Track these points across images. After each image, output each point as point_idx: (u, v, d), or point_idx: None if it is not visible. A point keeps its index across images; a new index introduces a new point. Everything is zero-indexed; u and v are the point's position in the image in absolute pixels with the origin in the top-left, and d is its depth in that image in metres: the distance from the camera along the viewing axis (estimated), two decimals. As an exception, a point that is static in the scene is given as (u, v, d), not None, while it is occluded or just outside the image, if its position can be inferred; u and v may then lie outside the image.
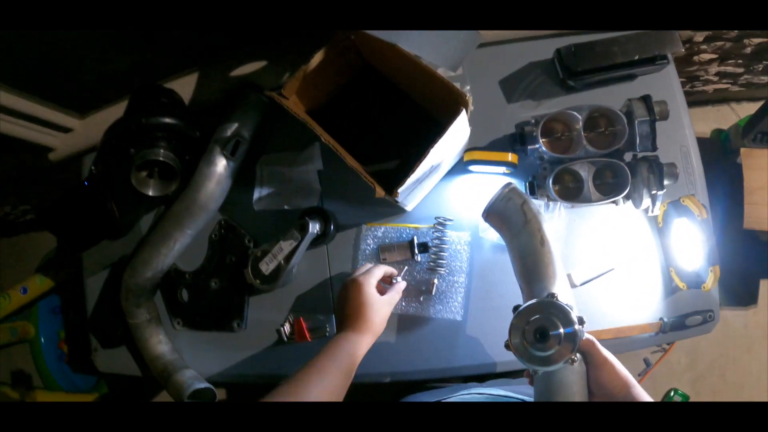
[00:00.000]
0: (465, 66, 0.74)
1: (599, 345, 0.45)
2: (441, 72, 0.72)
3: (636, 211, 0.69)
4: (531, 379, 0.48)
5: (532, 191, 0.67)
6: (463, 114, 0.54)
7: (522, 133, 0.67)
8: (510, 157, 0.66)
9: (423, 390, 0.71)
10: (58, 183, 1.05)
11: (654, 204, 0.66)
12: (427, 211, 0.72)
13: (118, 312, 0.76)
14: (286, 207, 0.74)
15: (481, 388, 0.60)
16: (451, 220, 0.69)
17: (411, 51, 0.55)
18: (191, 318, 0.78)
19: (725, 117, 1.34)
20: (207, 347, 0.77)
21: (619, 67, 0.70)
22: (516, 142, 0.69)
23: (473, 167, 0.69)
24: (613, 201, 0.66)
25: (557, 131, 0.68)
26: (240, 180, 0.74)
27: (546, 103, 0.73)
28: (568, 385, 0.43)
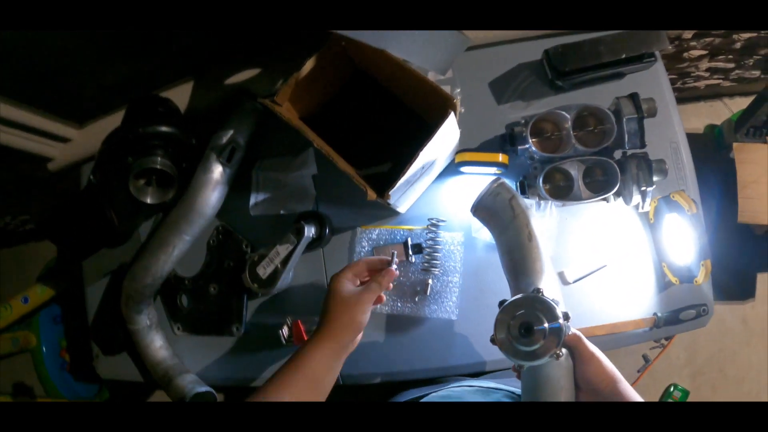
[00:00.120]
0: (455, 69, 0.75)
1: (586, 340, 0.46)
2: (430, 76, 0.74)
3: (627, 208, 0.70)
4: (518, 373, 0.49)
5: (523, 191, 0.68)
6: (452, 116, 0.55)
7: (512, 134, 0.68)
8: (500, 158, 0.67)
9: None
10: (57, 192, 1.06)
11: (644, 200, 0.67)
12: (421, 213, 0.73)
13: (118, 318, 0.77)
14: (281, 212, 0.75)
15: (473, 380, 0.61)
16: (444, 221, 0.70)
17: (399, 56, 0.56)
18: (191, 323, 0.79)
19: (718, 112, 1.34)
20: (207, 351, 0.78)
21: (607, 66, 0.71)
22: (506, 142, 0.70)
23: (464, 168, 0.70)
24: (604, 198, 0.67)
25: (547, 131, 0.69)
26: (236, 186, 0.75)
27: (536, 104, 0.74)
28: (554, 380, 0.43)
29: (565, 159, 0.67)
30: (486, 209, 0.55)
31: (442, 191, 0.73)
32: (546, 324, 0.42)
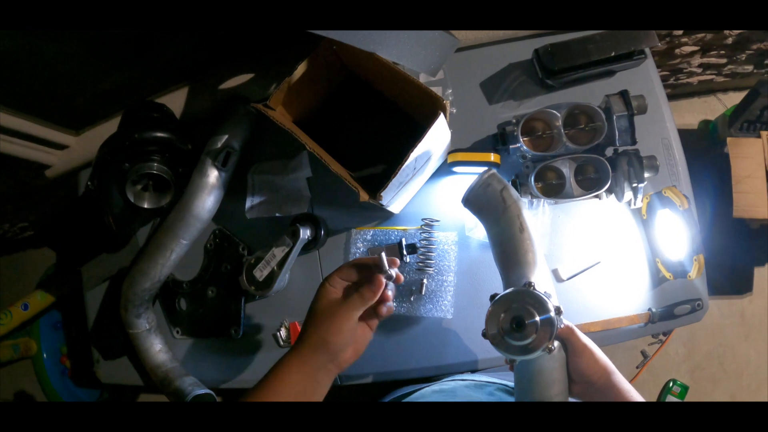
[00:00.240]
0: (446, 70, 0.76)
1: (578, 332, 0.46)
2: (422, 77, 0.75)
3: (620, 205, 0.71)
4: (511, 365, 0.49)
5: (515, 189, 0.69)
6: (442, 117, 0.55)
7: (503, 133, 0.68)
8: (492, 157, 0.68)
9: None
10: (55, 199, 1.07)
11: (636, 197, 0.68)
12: (414, 213, 0.73)
13: (118, 323, 0.78)
14: (277, 214, 0.76)
15: (466, 375, 0.61)
16: (438, 220, 0.71)
17: (389, 58, 0.57)
18: (190, 326, 0.80)
19: (712, 108, 1.35)
20: (206, 354, 0.78)
21: (597, 64, 0.71)
22: (498, 142, 0.71)
23: (457, 168, 0.70)
24: (596, 195, 0.68)
25: (538, 129, 0.70)
26: (232, 190, 0.76)
27: (527, 103, 0.74)
28: (547, 372, 0.44)
29: (557, 157, 0.68)
30: (477, 200, 0.54)
31: (435, 191, 0.74)
32: (538, 318, 0.42)
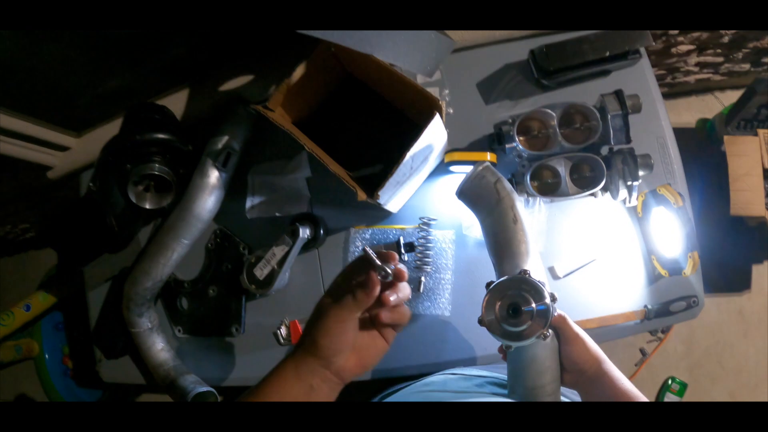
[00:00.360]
0: (444, 71, 0.77)
1: (570, 321, 0.47)
2: (419, 78, 0.75)
3: (615, 203, 0.72)
4: (504, 354, 0.49)
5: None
6: (437, 118, 0.56)
7: (500, 133, 0.69)
8: (489, 157, 0.68)
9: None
10: (57, 200, 1.08)
11: (631, 195, 0.68)
12: (412, 212, 0.74)
13: (120, 322, 0.78)
14: (277, 214, 0.77)
15: (456, 369, 0.62)
16: (435, 219, 0.71)
17: (386, 60, 0.58)
18: (191, 325, 0.81)
19: (710, 106, 1.35)
20: (208, 353, 0.79)
21: (592, 64, 0.72)
22: (494, 141, 0.72)
23: (454, 168, 0.71)
24: (591, 194, 0.69)
25: (534, 129, 0.71)
26: (233, 190, 0.77)
27: (523, 103, 0.75)
28: (540, 360, 0.44)
29: (552, 156, 0.69)
30: (471, 192, 0.54)
31: (432, 190, 0.75)
32: (533, 304, 0.42)
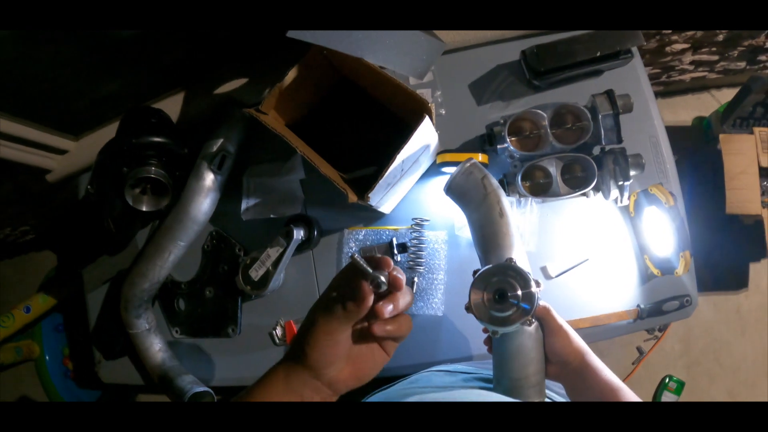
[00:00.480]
0: (435, 72, 0.77)
1: (554, 312, 0.47)
2: (411, 80, 0.76)
3: (607, 202, 0.72)
4: (490, 347, 0.50)
5: (503, 189, 0.70)
6: (427, 120, 0.57)
7: (491, 134, 0.70)
8: (480, 158, 0.69)
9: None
10: (56, 203, 1.09)
11: (622, 194, 0.69)
12: (405, 213, 0.75)
13: (118, 324, 0.79)
14: (272, 216, 0.78)
15: (441, 366, 0.62)
16: (428, 220, 0.72)
17: (376, 63, 0.58)
18: (188, 326, 0.81)
19: (706, 104, 1.35)
20: (204, 353, 0.80)
21: (583, 65, 0.72)
22: (486, 142, 0.72)
23: (446, 169, 0.72)
24: (583, 194, 0.69)
25: (525, 130, 0.71)
26: (228, 192, 0.78)
27: (515, 103, 0.76)
28: (525, 351, 0.45)
29: (544, 156, 0.69)
30: (459, 188, 0.55)
31: (425, 192, 0.75)
32: (519, 290, 0.43)
